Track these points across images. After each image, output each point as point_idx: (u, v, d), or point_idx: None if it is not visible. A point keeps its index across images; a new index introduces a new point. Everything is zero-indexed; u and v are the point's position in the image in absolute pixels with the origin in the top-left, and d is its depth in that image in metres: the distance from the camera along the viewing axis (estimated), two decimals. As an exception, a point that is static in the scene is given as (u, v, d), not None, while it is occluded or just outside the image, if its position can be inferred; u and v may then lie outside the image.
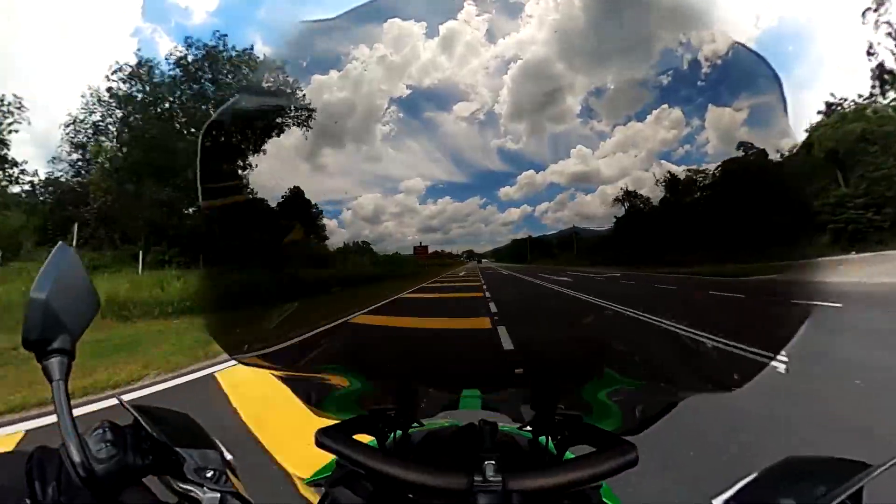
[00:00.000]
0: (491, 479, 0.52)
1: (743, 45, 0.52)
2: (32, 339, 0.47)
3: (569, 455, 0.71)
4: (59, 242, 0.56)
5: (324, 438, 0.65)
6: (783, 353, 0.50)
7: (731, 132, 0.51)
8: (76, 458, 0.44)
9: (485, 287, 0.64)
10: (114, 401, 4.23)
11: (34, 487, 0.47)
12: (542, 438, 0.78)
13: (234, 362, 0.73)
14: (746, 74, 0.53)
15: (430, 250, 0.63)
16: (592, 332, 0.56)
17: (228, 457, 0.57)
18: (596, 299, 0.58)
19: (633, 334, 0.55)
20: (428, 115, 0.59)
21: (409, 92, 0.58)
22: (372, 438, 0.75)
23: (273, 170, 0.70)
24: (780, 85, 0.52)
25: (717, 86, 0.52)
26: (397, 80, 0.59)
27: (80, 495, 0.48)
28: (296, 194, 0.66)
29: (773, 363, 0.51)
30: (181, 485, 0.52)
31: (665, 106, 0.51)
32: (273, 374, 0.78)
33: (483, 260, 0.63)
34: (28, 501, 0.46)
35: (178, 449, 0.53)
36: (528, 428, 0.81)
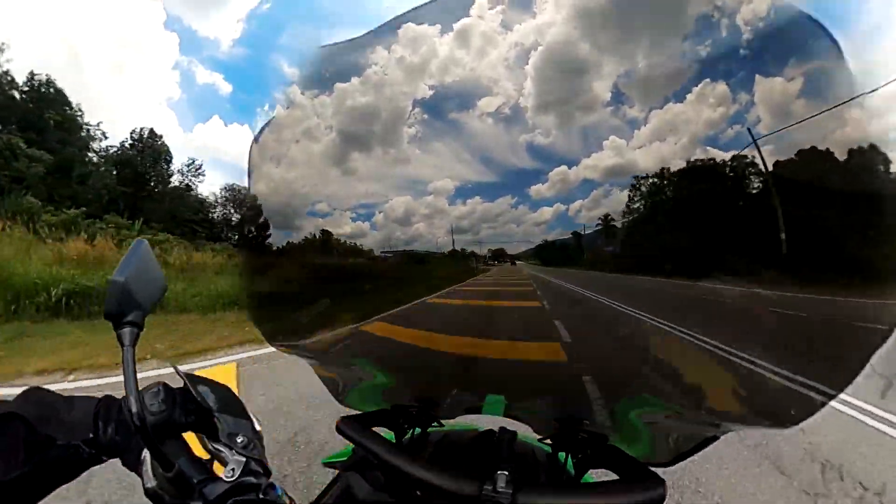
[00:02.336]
0: (501, 490, 0.51)
1: None
2: (111, 312, 0.56)
3: (588, 478, 0.68)
4: (137, 238, 0.65)
5: (344, 426, 0.68)
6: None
7: (786, 106, 0.44)
8: (134, 408, 0.51)
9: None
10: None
11: (98, 426, 0.60)
12: (562, 455, 0.75)
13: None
14: (795, 35, 0.46)
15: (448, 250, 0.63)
16: (629, 345, 0.53)
17: (258, 428, 0.65)
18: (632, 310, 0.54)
19: (676, 352, 0.51)
20: (452, 114, 0.58)
21: (431, 92, 0.57)
22: (391, 432, 0.76)
23: (310, 177, 0.72)
24: (836, 43, 0.44)
25: (763, 52, 0.46)
26: (418, 80, 0.58)
27: (133, 439, 0.60)
28: (330, 198, 0.68)
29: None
30: (214, 445, 0.59)
31: (707, 80, 0.46)
32: (308, 363, 0.82)
33: (517, 262, 0.61)
34: (91, 436, 0.59)
35: (216, 414, 0.61)
36: (549, 441, 0.78)
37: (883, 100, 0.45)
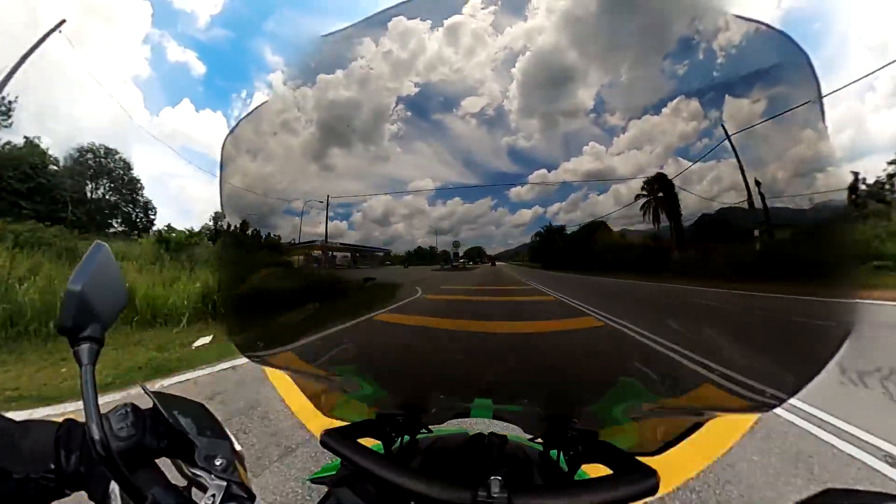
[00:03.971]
0: (496, 495, 0.51)
1: (767, 25, 0.49)
2: (66, 326, 0.51)
3: (581, 474, 0.69)
4: (96, 241, 0.60)
5: (329, 439, 0.65)
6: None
7: (750, 124, 0.48)
8: (96, 435, 0.46)
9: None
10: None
11: (60, 455, 0.53)
12: (554, 453, 0.76)
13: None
14: (762, 63, 0.50)
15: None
16: (611, 343, 0.54)
17: (238, 448, 0.59)
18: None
19: (657, 347, 0.52)
20: (436, 113, 0.58)
21: (416, 90, 0.57)
22: (378, 442, 0.74)
23: (287, 172, 0.70)
24: (811, 67, 0.48)
25: (733, 75, 0.49)
26: (404, 76, 0.57)
27: (99, 468, 0.53)
28: (308, 195, 0.66)
29: None
30: (191, 470, 0.54)
31: (682, 97, 0.48)
32: (287, 374, 0.79)
33: (496, 262, 0.61)
34: (52, 466, 0.52)
35: (191, 436, 0.56)
36: (540, 440, 0.79)
37: (832, 123, 0.50)
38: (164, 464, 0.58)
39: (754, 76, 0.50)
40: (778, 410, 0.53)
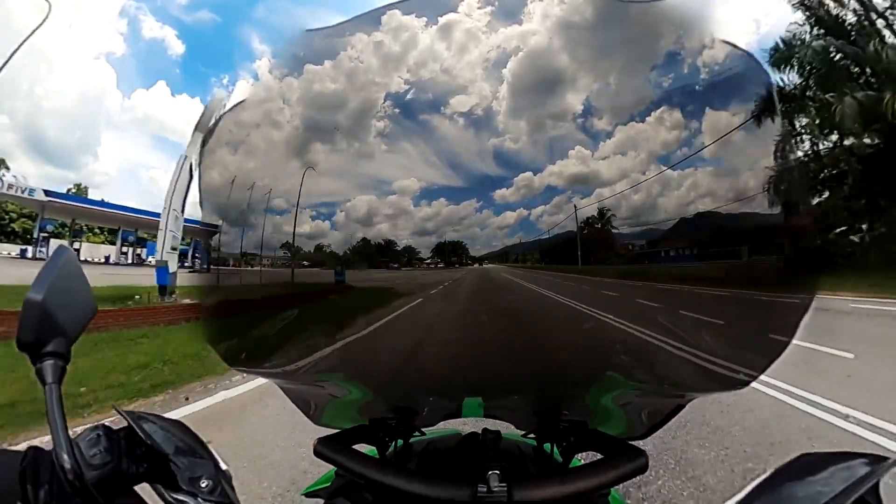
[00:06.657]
0: (495, 489, 0.51)
1: (742, 50, 0.52)
2: (27, 341, 0.47)
3: (576, 462, 0.70)
4: (60, 244, 0.56)
5: (322, 448, 0.63)
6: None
7: (728, 136, 0.50)
8: (66, 464, 0.43)
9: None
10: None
11: (27, 490, 0.46)
12: (547, 445, 0.77)
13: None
14: (741, 81, 0.53)
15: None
16: (594, 336, 0.55)
17: (224, 466, 0.56)
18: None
19: (636, 337, 0.54)
20: (424, 111, 0.57)
21: (405, 87, 0.57)
22: (372, 448, 0.73)
23: (269, 168, 0.68)
24: (773, 92, 0.52)
25: (714, 90, 0.52)
26: (394, 71, 0.57)
27: (73, 501, 0.47)
28: (289, 193, 0.65)
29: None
30: (174, 494, 0.50)
31: (665, 107, 0.50)
32: (274, 383, 0.77)
33: (485, 262, 0.62)
34: (19, 503, 0.45)
35: (172, 457, 0.52)
36: (533, 435, 0.80)
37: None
38: (145, 490, 0.53)
39: (732, 92, 0.53)
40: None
